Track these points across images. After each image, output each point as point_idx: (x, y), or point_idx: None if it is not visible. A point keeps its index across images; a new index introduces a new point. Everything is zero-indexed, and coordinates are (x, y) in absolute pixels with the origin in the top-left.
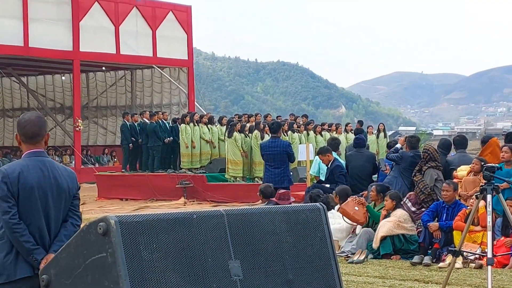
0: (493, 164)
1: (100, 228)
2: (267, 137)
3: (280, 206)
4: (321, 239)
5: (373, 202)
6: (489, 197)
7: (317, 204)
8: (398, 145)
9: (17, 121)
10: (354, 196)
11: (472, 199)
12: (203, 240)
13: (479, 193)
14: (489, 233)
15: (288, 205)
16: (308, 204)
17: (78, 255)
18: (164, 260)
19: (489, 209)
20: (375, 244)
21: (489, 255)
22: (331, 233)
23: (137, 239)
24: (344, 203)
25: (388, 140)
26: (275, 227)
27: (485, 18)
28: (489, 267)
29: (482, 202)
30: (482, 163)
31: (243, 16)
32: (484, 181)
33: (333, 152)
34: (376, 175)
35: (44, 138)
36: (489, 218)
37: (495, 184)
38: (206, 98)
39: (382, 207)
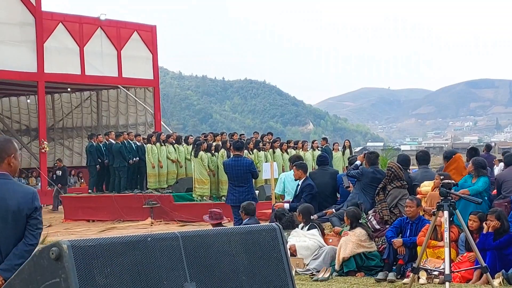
0: (450, 181)
1: (52, 253)
2: None
3: (235, 227)
4: (277, 259)
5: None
6: (445, 213)
7: (273, 224)
8: (358, 162)
9: None
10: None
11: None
12: (158, 263)
13: (436, 210)
14: (446, 250)
15: (244, 225)
16: (264, 224)
17: (32, 281)
18: (118, 284)
19: (446, 225)
20: (337, 265)
21: (447, 271)
22: (287, 253)
23: (91, 263)
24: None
25: None
26: (231, 248)
27: (451, 33)
28: (447, 283)
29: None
30: (442, 177)
31: (209, 35)
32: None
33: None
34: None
35: (6, 160)
36: (446, 234)
37: (452, 200)
38: (174, 118)
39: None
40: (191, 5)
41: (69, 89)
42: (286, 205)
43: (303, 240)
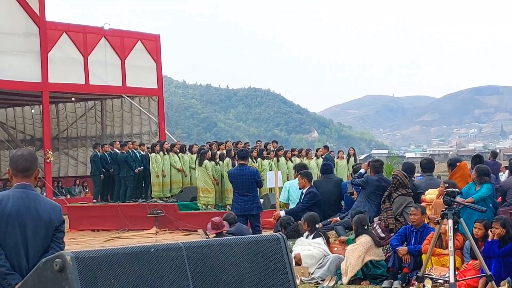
0: (454, 189)
1: (56, 265)
2: None
3: (239, 237)
4: (281, 269)
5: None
6: (450, 221)
7: (277, 234)
8: (362, 170)
9: (10, 156)
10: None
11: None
12: (162, 274)
13: (440, 218)
14: (451, 258)
15: (247, 236)
16: (268, 234)
17: None
18: None
19: (450, 233)
20: (346, 279)
21: (451, 280)
22: (291, 262)
23: (95, 274)
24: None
25: None
26: (235, 258)
27: (454, 40)
28: None
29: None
30: (446, 185)
31: (213, 44)
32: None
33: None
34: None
35: (34, 173)
36: (450, 243)
37: (456, 209)
38: (179, 126)
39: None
40: (194, 14)
41: (73, 99)
42: (282, 212)
43: (308, 248)
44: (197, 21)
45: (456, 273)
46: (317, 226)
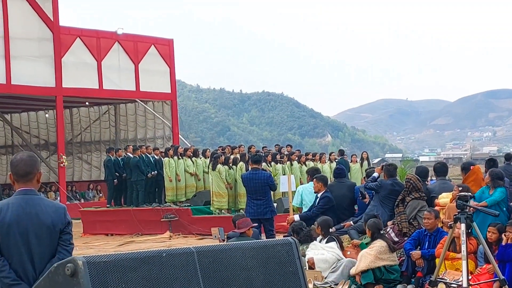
0: (466, 193)
1: (68, 270)
2: None
3: (251, 241)
4: (293, 273)
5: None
6: (462, 225)
7: (289, 238)
8: (376, 174)
9: (10, 161)
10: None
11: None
12: (174, 278)
13: (452, 222)
14: (464, 262)
15: (259, 240)
16: (280, 238)
17: None
18: None
19: (463, 237)
20: (357, 277)
21: (465, 284)
22: (303, 267)
23: (106, 279)
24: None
25: None
26: (246, 262)
27: (468, 43)
28: None
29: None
30: (460, 189)
31: (226, 48)
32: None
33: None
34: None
35: (36, 177)
36: (463, 247)
37: (469, 213)
38: (192, 131)
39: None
40: (207, 18)
41: (87, 103)
42: (296, 217)
43: (321, 253)
44: (211, 25)
45: (470, 277)
46: (330, 230)
